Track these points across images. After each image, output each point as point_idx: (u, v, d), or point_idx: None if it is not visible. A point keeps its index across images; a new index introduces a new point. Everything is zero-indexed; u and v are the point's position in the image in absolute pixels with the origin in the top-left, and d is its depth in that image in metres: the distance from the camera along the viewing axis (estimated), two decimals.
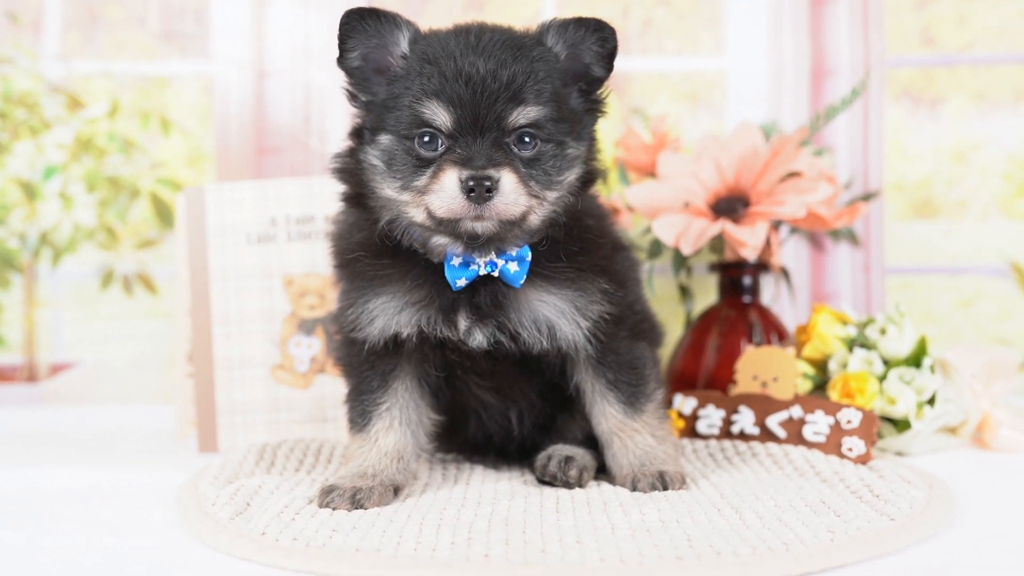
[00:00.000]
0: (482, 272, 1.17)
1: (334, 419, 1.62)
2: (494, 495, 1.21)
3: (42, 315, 2.06)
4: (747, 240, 1.61)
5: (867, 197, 1.98)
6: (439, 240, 1.18)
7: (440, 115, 1.13)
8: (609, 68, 1.20)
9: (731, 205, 1.69)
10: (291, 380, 1.62)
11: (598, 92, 1.22)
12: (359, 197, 1.23)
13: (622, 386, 1.26)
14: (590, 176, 1.23)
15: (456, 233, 1.15)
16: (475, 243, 1.16)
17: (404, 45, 1.18)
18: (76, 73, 2.05)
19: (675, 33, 2.06)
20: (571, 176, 1.19)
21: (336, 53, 1.20)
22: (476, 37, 1.16)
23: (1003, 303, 2.02)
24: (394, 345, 1.22)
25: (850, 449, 1.39)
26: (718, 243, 1.77)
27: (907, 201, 2.04)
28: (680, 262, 1.81)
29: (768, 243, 1.70)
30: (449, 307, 1.19)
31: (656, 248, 1.81)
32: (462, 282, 1.17)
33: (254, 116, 2.05)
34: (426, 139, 1.14)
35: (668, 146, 1.76)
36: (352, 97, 1.22)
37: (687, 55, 2.07)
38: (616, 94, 2.05)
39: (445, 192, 1.11)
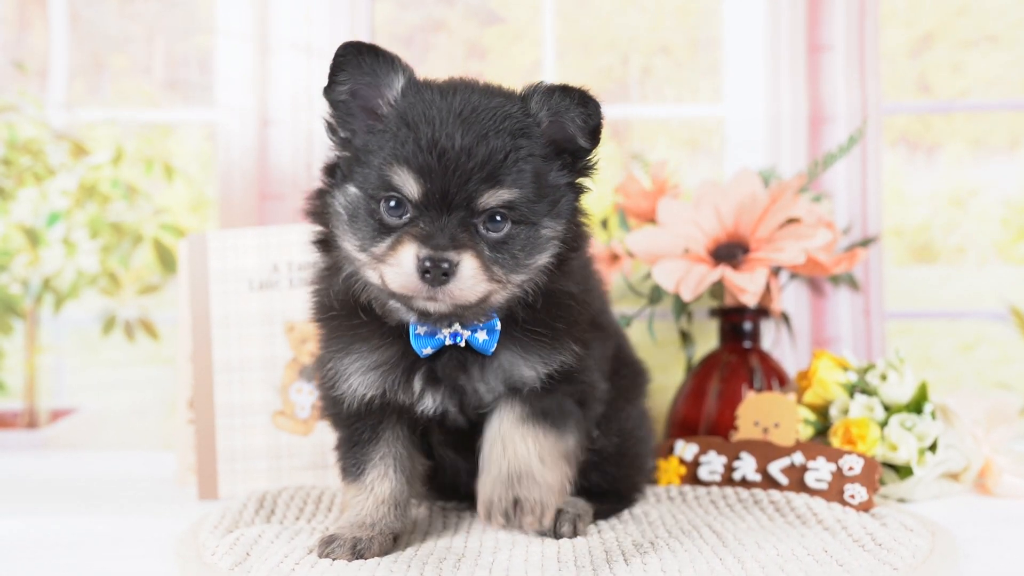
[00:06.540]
0: (448, 343, 1.14)
1: (335, 465, 1.61)
2: (495, 545, 1.21)
3: (43, 360, 2.06)
4: (747, 286, 1.62)
5: (866, 242, 1.99)
6: (395, 305, 1.14)
7: (408, 184, 1.07)
8: (594, 142, 1.12)
9: (731, 251, 1.70)
10: (292, 426, 1.62)
11: (584, 164, 1.15)
12: (327, 243, 1.17)
13: (535, 407, 1.16)
14: (568, 254, 1.16)
15: (408, 307, 1.12)
16: (428, 319, 1.12)
17: (397, 91, 1.12)
18: (81, 121, 2.07)
19: (674, 81, 2.09)
20: (543, 258, 1.13)
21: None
22: (462, 102, 1.09)
23: (1003, 348, 2.02)
24: (367, 403, 1.20)
25: (852, 496, 1.39)
26: (718, 289, 1.77)
27: (906, 246, 2.05)
28: (680, 308, 1.82)
29: (768, 289, 1.70)
30: (410, 369, 1.17)
31: (656, 294, 1.82)
32: (428, 351, 1.14)
33: (257, 163, 2.07)
34: (392, 204, 1.08)
35: (668, 192, 1.78)
36: (332, 130, 1.15)
37: (686, 102, 2.09)
38: (616, 141, 2.07)
39: (401, 268, 1.06)
